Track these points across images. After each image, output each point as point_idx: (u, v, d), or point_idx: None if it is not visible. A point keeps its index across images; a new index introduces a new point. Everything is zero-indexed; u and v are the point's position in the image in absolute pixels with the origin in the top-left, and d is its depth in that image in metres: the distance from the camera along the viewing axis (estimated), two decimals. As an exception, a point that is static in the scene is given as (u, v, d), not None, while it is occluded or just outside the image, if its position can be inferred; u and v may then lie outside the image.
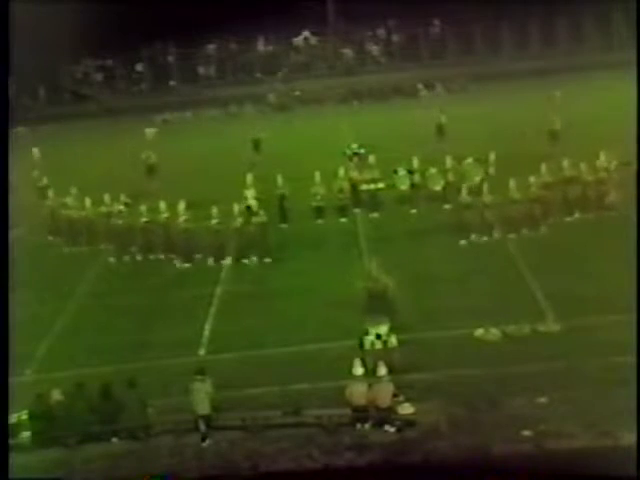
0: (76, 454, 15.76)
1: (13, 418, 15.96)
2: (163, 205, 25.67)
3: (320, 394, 16.69)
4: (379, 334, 17.74)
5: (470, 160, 28.41)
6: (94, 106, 52.36)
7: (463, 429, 15.30)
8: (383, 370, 16.12)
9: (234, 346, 19.50)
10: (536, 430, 14.95)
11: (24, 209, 27.27)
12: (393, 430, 15.55)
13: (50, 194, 29.02)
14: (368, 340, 17.77)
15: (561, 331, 18.67)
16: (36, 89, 52.54)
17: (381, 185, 28.15)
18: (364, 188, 28.23)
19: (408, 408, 15.87)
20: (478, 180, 26.87)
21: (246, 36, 53.78)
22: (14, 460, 14.30)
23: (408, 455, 14.83)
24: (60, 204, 28.09)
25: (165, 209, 25.60)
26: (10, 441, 14.98)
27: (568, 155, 26.71)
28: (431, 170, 27.82)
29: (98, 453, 15.75)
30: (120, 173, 34.73)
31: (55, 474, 15.21)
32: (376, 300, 18.53)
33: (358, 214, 28.04)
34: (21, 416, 16.34)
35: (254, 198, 26.87)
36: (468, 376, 16.98)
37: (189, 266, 24.81)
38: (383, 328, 17.93)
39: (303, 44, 55.84)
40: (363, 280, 19.04)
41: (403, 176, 28.14)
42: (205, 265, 24.78)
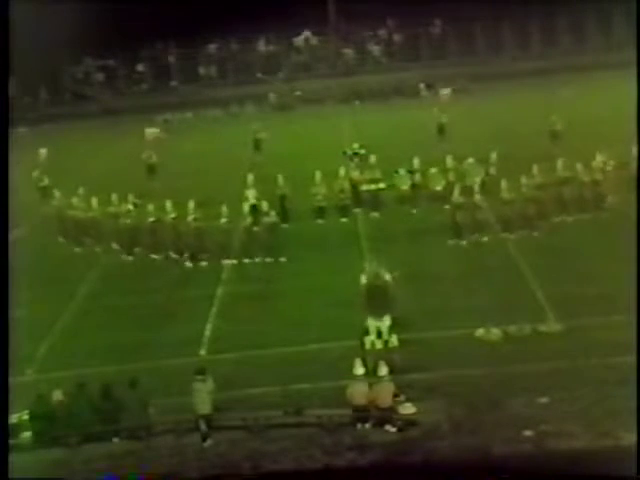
0: (77, 454, 15.77)
1: (14, 418, 15.98)
2: (169, 205, 25.67)
3: (321, 394, 16.70)
4: (380, 331, 17.76)
5: (471, 160, 28.41)
6: (95, 106, 52.31)
7: (464, 429, 15.30)
8: (384, 370, 16.13)
9: (235, 346, 19.51)
10: (537, 430, 14.96)
11: (25, 209, 27.28)
12: (394, 430, 15.55)
13: (56, 194, 28.95)
14: (369, 340, 17.79)
15: (562, 331, 18.68)
16: (37, 89, 52.45)
17: (382, 185, 28.15)
18: (365, 188, 28.24)
19: (409, 408, 15.87)
20: (479, 180, 26.91)
21: (247, 36, 53.69)
22: (14, 460, 14.29)
23: (409, 455, 14.84)
24: (66, 204, 28.02)
25: (172, 209, 25.60)
26: (10, 441, 14.98)
27: (568, 155, 26.72)
28: (432, 170, 27.82)
29: (99, 453, 15.75)
30: (121, 173, 34.76)
31: (56, 474, 15.21)
32: (377, 296, 18.51)
33: (359, 214, 28.05)
34: (22, 416, 16.35)
35: (255, 198, 26.87)
36: (469, 376, 16.99)
37: (191, 266, 24.84)
38: (385, 323, 17.96)
39: (304, 44, 55.78)
40: (364, 277, 19.00)
41: (404, 176, 28.14)
42: (207, 265, 24.80)
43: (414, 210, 27.68)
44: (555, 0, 48.91)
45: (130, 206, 26.59)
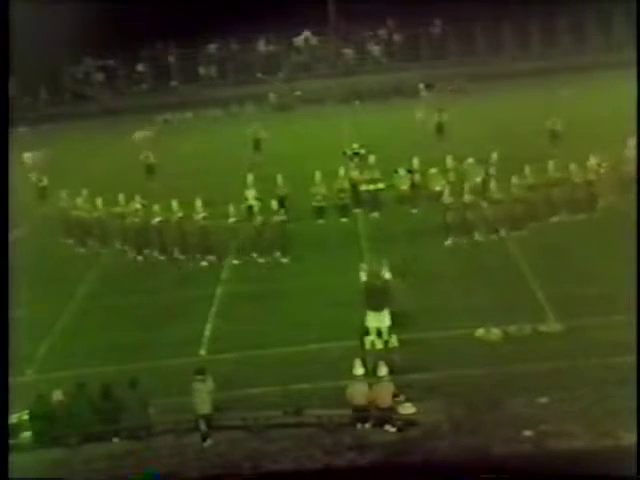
0: (77, 454, 15.78)
1: (14, 418, 15.99)
2: (175, 204, 25.64)
3: (321, 394, 16.71)
4: (380, 331, 17.75)
5: (471, 160, 28.41)
6: (95, 106, 52.28)
7: (464, 429, 15.31)
8: (384, 370, 16.14)
9: (235, 346, 19.51)
10: (536, 430, 14.96)
11: (25, 209, 27.28)
12: (394, 430, 15.56)
13: (59, 195, 28.90)
14: (369, 340, 17.78)
15: (562, 331, 18.68)
16: (37, 89, 52.44)
17: (381, 185, 28.13)
18: (364, 188, 28.21)
19: (409, 408, 15.88)
20: (479, 180, 26.91)
21: (247, 36, 53.66)
22: (14, 460, 14.30)
23: (409, 455, 14.85)
24: (70, 205, 27.97)
25: (178, 208, 25.57)
26: (10, 441, 14.99)
27: (568, 155, 26.72)
28: (431, 170, 27.82)
29: (99, 453, 15.77)
30: (122, 173, 34.75)
31: (56, 474, 15.22)
32: (376, 295, 18.50)
33: (359, 214, 28.05)
34: (22, 416, 16.37)
35: (254, 198, 26.88)
36: (469, 376, 17.00)
37: (191, 266, 24.84)
38: (385, 324, 17.95)
39: (304, 44, 55.74)
40: (364, 275, 19.00)
41: (403, 176, 28.13)
42: (207, 265, 24.81)
43: (414, 210, 27.68)
44: (555, 0, 48.90)
45: (138, 205, 26.51)
